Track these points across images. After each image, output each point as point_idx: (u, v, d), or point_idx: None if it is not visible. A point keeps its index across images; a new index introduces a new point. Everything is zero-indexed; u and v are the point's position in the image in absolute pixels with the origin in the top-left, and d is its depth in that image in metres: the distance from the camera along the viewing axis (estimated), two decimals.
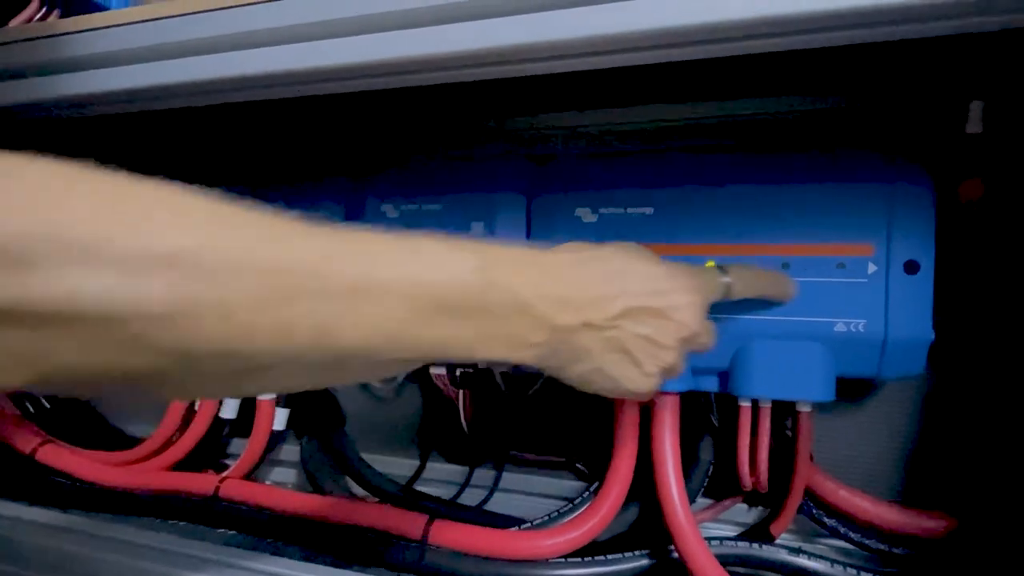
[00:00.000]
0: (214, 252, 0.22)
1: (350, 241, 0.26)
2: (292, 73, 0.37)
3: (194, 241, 0.22)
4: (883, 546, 0.47)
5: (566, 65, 0.34)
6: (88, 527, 0.52)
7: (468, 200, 0.52)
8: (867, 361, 0.43)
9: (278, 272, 0.23)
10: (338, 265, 0.25)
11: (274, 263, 0.23)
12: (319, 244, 0.25)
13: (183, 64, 0.39)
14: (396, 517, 0.50)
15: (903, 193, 0.42)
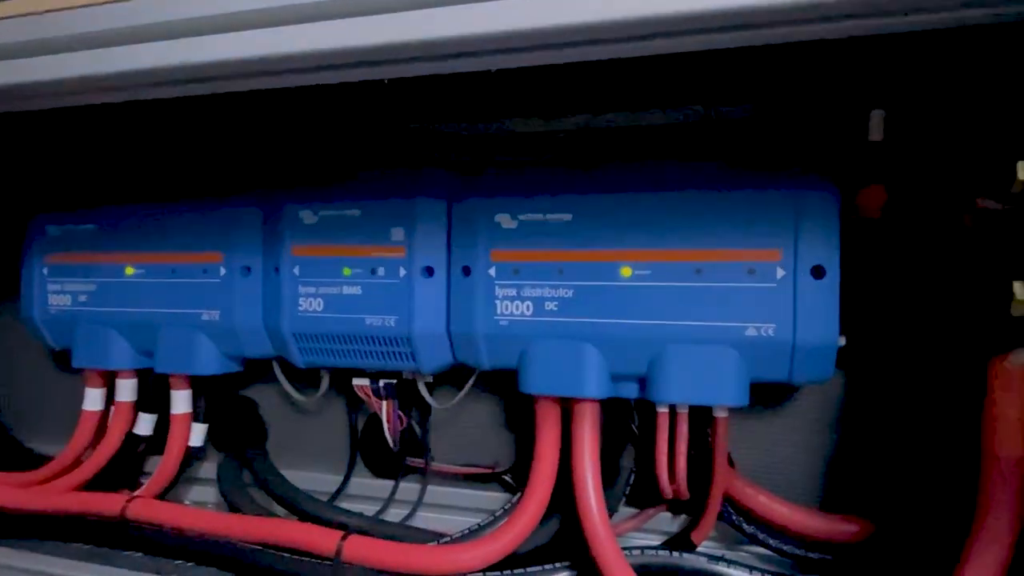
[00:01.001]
0: None
1: None
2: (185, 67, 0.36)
3: None
4: (801, 551, 0.47)
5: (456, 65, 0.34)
6: None
7: (388, 205, 0.51)
8: (778, 365, 0.44)
9: None
10: None
11: None
12: None
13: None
14: (308, 534, 0.49)
15: (808, 199, 0.43)
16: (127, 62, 0.37)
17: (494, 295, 0.48)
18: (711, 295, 0.44)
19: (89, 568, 0.48)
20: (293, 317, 0.53)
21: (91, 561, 0.50)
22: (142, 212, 0.59)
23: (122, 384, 0.61)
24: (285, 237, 0.53)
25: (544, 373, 0.47)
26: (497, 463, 0.57)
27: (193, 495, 0.66)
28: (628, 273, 0.46)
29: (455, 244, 0.50)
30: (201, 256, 0.57)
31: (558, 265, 0.47)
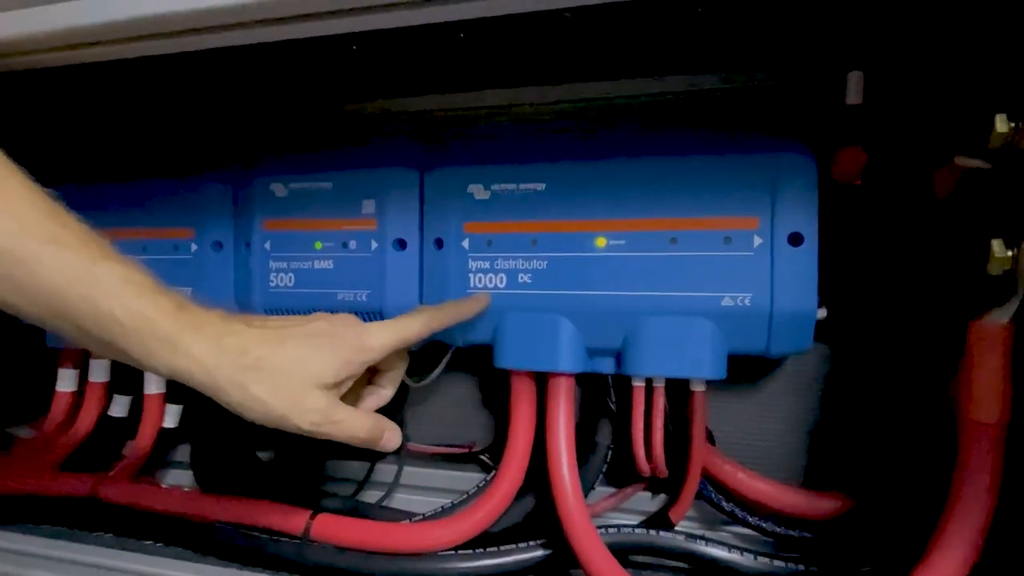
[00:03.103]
0: None
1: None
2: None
3: None
4: (780, 529, 0.46)
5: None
6: None
7: (358, 177, 0.50)
8: (755, 336, 0.42)
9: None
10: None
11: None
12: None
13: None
14: (277, 513, 0.47)
15: (785, 166, 0.41)
16: (98, 13, 0.36)
17: (467, 268, 0.47)
18: (687, 265, 0.43)
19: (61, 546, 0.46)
20: (264, 292, 0.52)
21: (62, 540, 0.49)
22: (112, 189, 0.58)
23: (95, 364, 0.60)
24: (256, 211, 0.52)
25: (518, 348, 0.46)
26: (474, 443, 0.56)
27: (170, 478, 0.65)
28: (603, 243, 0.45)
29: (427, 216, 0.49)
30: (172, 232, 0.56)
31: (532, 236, 0.46)
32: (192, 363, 0.32)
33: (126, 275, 0.31)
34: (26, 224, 0.30)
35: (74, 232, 0.31)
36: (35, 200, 0.31)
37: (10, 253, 0.29)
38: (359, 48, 0.46)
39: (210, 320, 0.33)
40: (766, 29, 0.44)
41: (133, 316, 0.31)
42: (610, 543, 0.44)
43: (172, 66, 0.41)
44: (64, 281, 0.30)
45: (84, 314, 0.30)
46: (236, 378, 0.32)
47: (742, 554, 0.44)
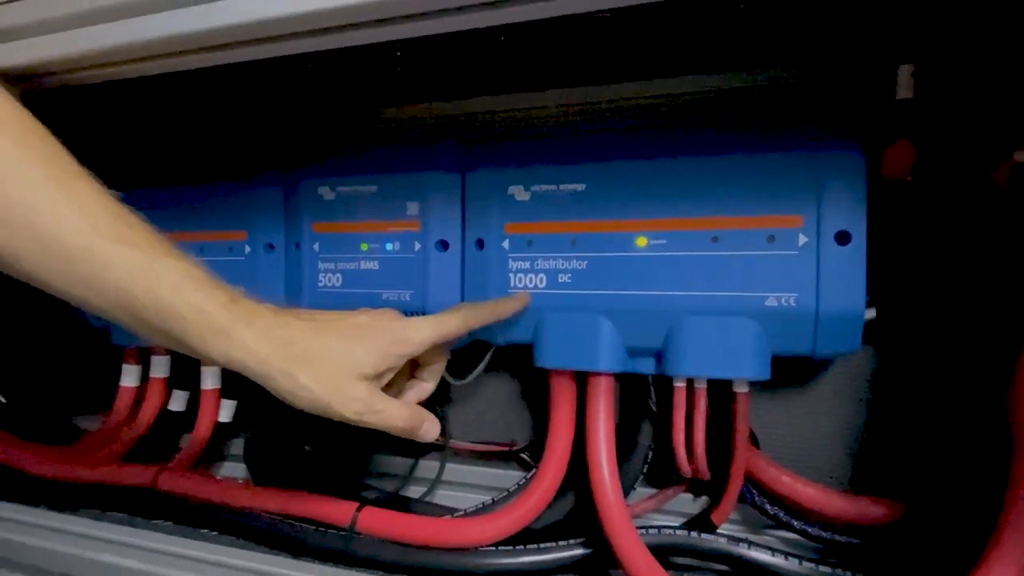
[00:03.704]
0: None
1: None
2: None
3: None
4: (827, 534, 0.45)
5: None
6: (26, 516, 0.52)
7: (402, 180, 0.51)
8: (800, 337, 0.42)
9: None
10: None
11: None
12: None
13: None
14: (325, 505, 0.49)
15: (831, 162, 0.41)
16: (161, 28, 0.38)
17: (507, 268, 0.48)
18: (729, 264, 0.43)
19: (124, 531, 0.49)
20: (313, 292, 0.54)
21: (125, 526, 0.52)
22: (171, 193, 0.60)
23: (156, 361, 0.64)
24: (304, 214, 0.54)
25: (558, 347, 0.47)
26: (514, 441, 0.56)
27: (224, 471, 0.68)
28: (643, 243, 0.45)
29: (469, 217, 0.50)
30: (227, 235, 0.58)
31: (571, 236, 0.46)
32: (245, 353, 0.34)
33: (186, 271, 0.33)
34: (96, 224, 0.32)
35: (139, 231, 0.33)
36: (103, 201, 0.33)
37: (83, 252, 0.31)
38: (402, 54, 0.47)
39: (261, 313, 0.35)
40: (813, 23, 0.43)
41: (192, 309, 0.33)
42: (650, 543, 0.44)
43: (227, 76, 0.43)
44: (130, 278, 0.32)
45: (148, 308, 0.32)
46: (285, 367, 0.34)
47: (786, 558, 0.43)
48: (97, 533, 0.49)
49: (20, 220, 0.31)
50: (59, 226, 0.31)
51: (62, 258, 0.31)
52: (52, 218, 0.31)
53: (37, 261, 0.31)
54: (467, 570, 0.46)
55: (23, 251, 0.31)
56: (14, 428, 0.66)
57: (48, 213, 0.31)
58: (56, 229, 0.31)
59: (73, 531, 0.50)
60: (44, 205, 0.31)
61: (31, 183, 0.31)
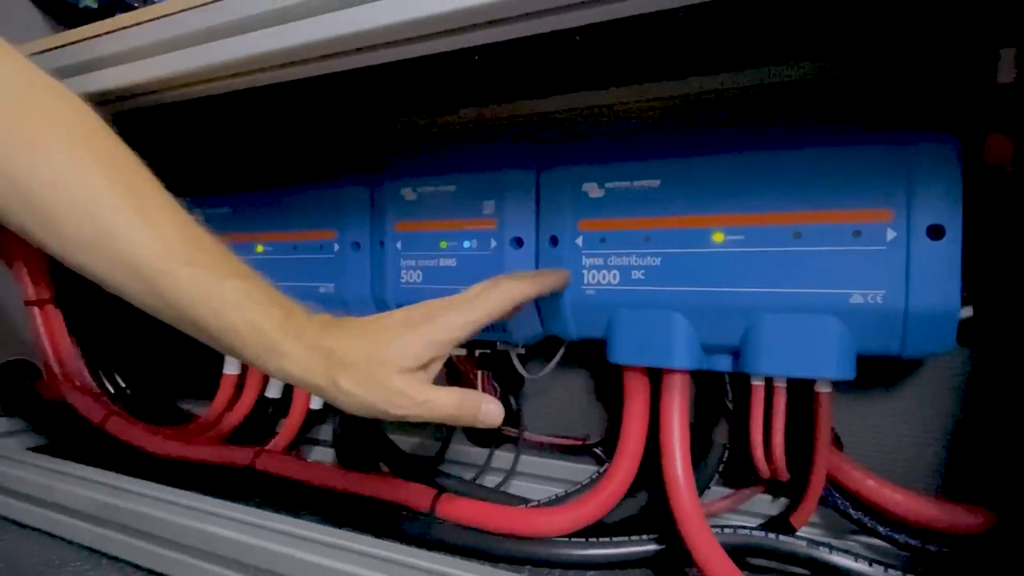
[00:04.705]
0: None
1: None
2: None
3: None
4: (915, 542, 0.43)
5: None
6: (141, 488, 0.57)
7: (479, 179, 0.52)
8: (887, 336, 0.40)
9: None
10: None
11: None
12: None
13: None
14: (406, 490, 0.52)
15: (923, 152, 0.39)
16: (276, 40, 0.40)
17: (581, 264, 0.49)
18: (811, 260, 0.41)
19: (227, 507, 0.53)
20: (396, 288, 0.57)
21: (228, 501, 0.57)
22: (266, 196, 0.65)
23: None
24: (388, 213, 0.57)
25: (631, 343, 0.47)
26: (588, 435, 0.57)
27: (314, 455, 0.72)
28: (720, 239, 0.44)
29: (543, 214, 0.51)
30: (318, 234, 0.62)
31: (645, 232, 0.46)
32: (294, 367, 0.35)
33: (247, 291, 0.35)
34: (172, 248, 0.34)
35: (208, 253, 0.36)
36: (178, 224, 0.36)
37: (159, 274, 0.34)
38: (480, 58, 0.48)
39: (310, 327, 0.37)
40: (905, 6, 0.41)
41: (249, 327, 0.35)
42: (725, 543, 0.44)
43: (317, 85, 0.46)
44: (198, 297, 0.34)
45: (212, 325, 0.35)
46: (329, 376, 0.35)
47: (871, 565, 0.41)
48: (203, 506, 0.53)
49: (106, 245, 0.34)
50: (139, 251, 0.34)
51: (141, 279, 0.34)
52: (134, 244, 0.34)
53: (122, 279, 0.35)
54: (540, 559, 0.47)
55: (109, 272, 0.35)
56: (135, 413, 0.73)
57: (131, 239, 0.34)
58: (137, 254, 0.34)
59: (183, 504, 0.54)
60: (128, 232, 0.34)
61: (116, 210, 0.34)
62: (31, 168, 0.33)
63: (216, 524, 0.51)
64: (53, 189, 0.33)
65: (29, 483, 0.55)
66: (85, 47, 0.48)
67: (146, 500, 0.53)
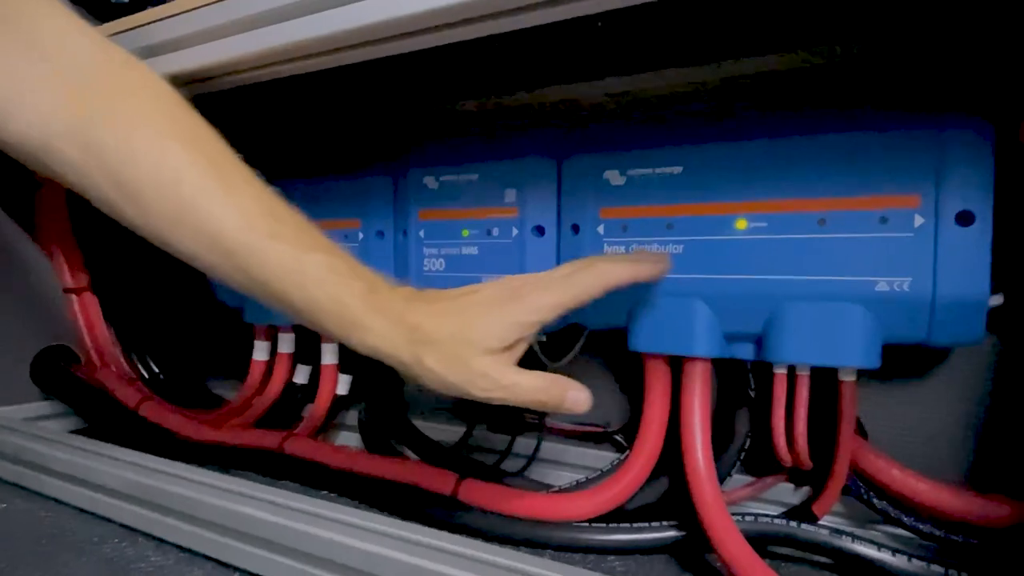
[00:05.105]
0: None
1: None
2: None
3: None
4: (940, 532, 0.42)
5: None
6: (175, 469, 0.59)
7: (501, 168, 0.53)
8: (914, 324, 0.39)
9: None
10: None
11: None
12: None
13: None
14: (429, 474, 0.53)
15: (953, 137, 0.38)
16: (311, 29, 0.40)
17: (603, 252, 0.49)
18: (836, 247, 0.41)
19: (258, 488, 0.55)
20: (419, 276, 0.57)
21: (258, 483, 0.58)
22: (291, 186, 0.66)
23: (283, 337, 0.70)
24: (411, 202, 0.57)
25: (652, 331, 0.47)
26: (609, 423, 0.57)
27: (341, 439, 0.74)
28: (743, 226, 0.44)
29: (564, 202, 0.51)
30: (343, 223, 0.63)
31: (668, 220, 0.46)
32: (379, 341, 0.35)
33: (329, 264, 0.35)
34: (254, 223, 0.34)
35: (289, 226, 0.35)
36: (260, 199, 0.35)
37: (242, 247, 0.34)
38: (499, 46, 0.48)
39: (394, 300, 0.36)
40: None
41: (332, 301, 0.34)
42: (746, 530, 0.44)
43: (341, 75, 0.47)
44: (282, 272, 0.34)
45: (296, 299, 0.35)
46: (413, 352, 0.35)
47: (894, 554, 0.41)
48: (234, 487, 0.55)
49: (190, 219, 0.34)
50: (223, 225, 0.34)
51: (225, 254, 0.34)
52: (218, 218, 0.34)
53: (206, 253, 0.35)
54: (561, 543, 0.47)
55: (192, 247, 0.35)
56: (168, 397, 0.76)
57: (215, 214, 0.34)
58: (220, 227, 0.34)
59: (215, 485, 0.56)
60: (211, 206, 0.34)
61: (200, 185, 0.34)
62: (115, 142, 0.33)
63: (246, 504, 0.52)
64: (137, 163, 0.34)
65: (71, 464, 0.58)
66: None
67: (180, 481, 0.54)
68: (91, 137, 0.34)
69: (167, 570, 0.47)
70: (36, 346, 0.78)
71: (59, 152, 0.34)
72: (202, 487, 0.52)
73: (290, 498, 0.50)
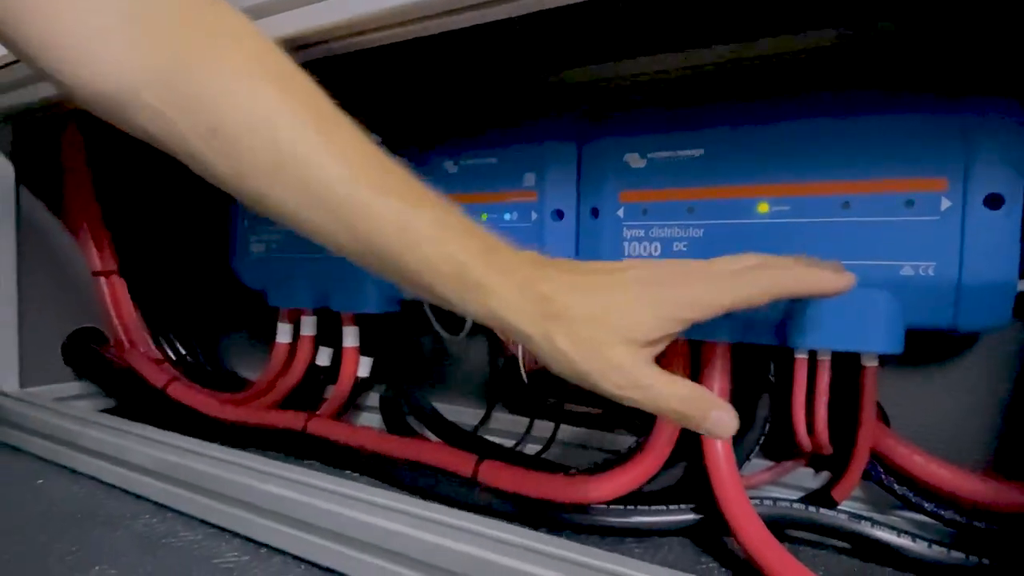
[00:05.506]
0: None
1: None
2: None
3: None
4: (963, 519, 0.42)
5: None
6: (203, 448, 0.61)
7: (519, 152, 0.53)
8: (939, 309, 0.39)
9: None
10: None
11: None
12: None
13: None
14: (449, 455, 0.53)
15: (983, 118, 0.37)
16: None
17: (622, 236, 0.48)
18: (860, 231, 0.40)
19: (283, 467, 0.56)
20: None
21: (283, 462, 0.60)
22: None
23: (305, 320, 0.71)
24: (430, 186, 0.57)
25: None
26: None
27: (361, 420, 0.75)
28: (765, 209, 0.44)
29: (584, 186, 0.51)
30: None
31: (688, 203, 0.46)
32: (503, 307, 0.31)
33: (441, 220, 0.31)
34: (358, 172, 0.31)
35: (397, 178, 0.32)
36: (364, 148, 0.32)
37: (345, 199, 0.30)
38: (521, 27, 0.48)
39: (520, 264, 0.32)
40: None
41: (448, 261, 0.31)
42: (764, 514, 0.44)
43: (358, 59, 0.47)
44: (391, 229, 0.30)
45: (405, 259, 0.31)
46: (542, 328, 0.30)
47: (914, 540, 0.41)
48: (260, 467, 0.57)
49: (287, 170, 0.30)
50: (324, 174, 0.30)
51: (326, 206, 0.31)
52: (319, 167, 0.30)
53: (304, 208, 0.31)
54: (579, 524, 0.48)
55: (289, 202, 0.31)
56: (193, 379, 0.77)
57: (315, 162, 0.30)
58: (321, 176, 0.30)
59: (241, 463, 0.58)
60: (311, 154, 0.30)
61: (297, 131, 0.30)
62: (203, 87, 0.30)
63: (271, 483, 0.53)
64: (228, 110, 0.30)
65: (102, 442, 0.60)
66: None
67: (207, 460, 0.56)
68: (176, 82, 0.30)
69: (196, 545, 0.49)
70: (68, 328, 0.80)
71: (139, 102, 0.31)
72: (229, 465, 0.54)
73: (314, 477, 0.51)
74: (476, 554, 0.38)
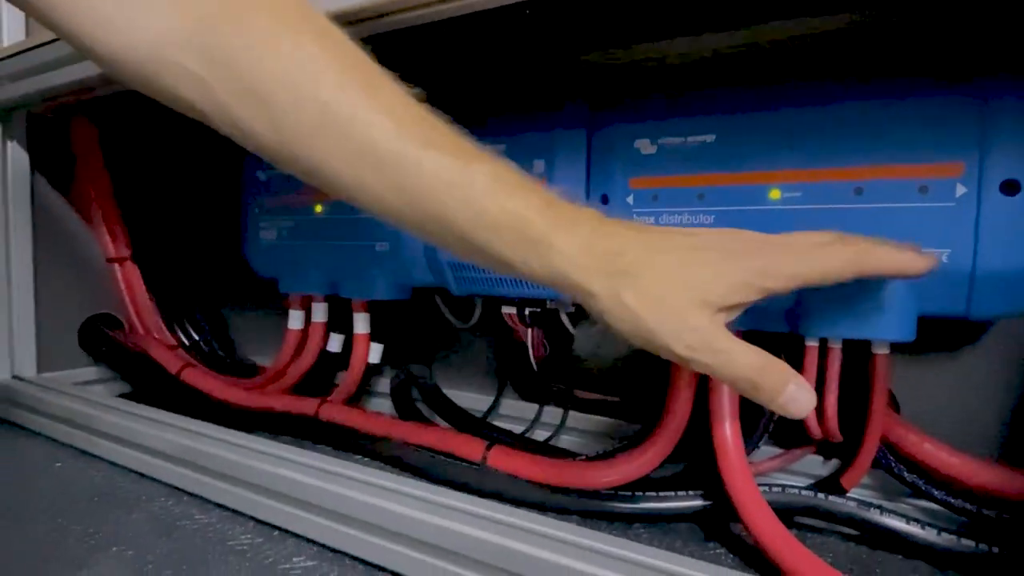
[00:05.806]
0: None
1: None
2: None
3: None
4: (973, 507, 0.42)
5: None
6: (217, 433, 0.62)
7: (529, 139, 0.52)
8: (952, 297, 0.38)
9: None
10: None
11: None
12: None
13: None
14: (459, 441, 0.54)
15: (1000, 102, 0.36)
16: None
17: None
18: (873, 218, 0.40)
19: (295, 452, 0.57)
20: None
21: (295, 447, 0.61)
22: None
23: (316, 307, 0.72)
24: None
25: None
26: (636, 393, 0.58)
27: (372, 406, 0.76)
28: (777, 196, 0.43)
29: (594, 172, 0.50)
30: None
31: (699, 190, 0.46)
32: (566, 263, 0.29)
33: (497, 174, 0.30)
34: (405, 128, 0.29)
35: (446, 134, 0.30)
36: (409, 104, 0.30)
37: (394, 157, 0.29)
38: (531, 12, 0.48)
39: (584, 217, 0.30)
40: None
41: (507, 215, 0.29)
42: (772, 501, 0.44)
43: None
44: (443, 185, 0.29)
45: (459, 216, 0.29)
46: (609, 283, 0.29)
47: (923, 527, 0.41)
48: (272, 451, 0.57)
49: (332, 128, 0.29)
50: (370, 132, 0.29)
51: (373, 164, 0.29)
52: (364, 123, 0.29)
53: (350, 168, 0.30)
54: (588, 510, 0.48)
55: (335, 162, 0.30)
56: (206, 364, 0.78)
57: (360, 119, 0.29)
58: (368, 133, 0.29)
59: (254, 448, 0.58)
60: (355, 109, 0.29)
61: (342, 88, 0.29)
62: (241, 45, 0.29)
63: (284, 467, 0.54)
64: (267, 67, 0.29)
65: (119, 427, 0.61)
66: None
67: (222, 444, 0.57)
68: (213, 44, 0.29)
69: (211, 527, 0.49)
70: (84, 314, 0.81)
71: (176, 67, 0.29)
72: (243, 450, 0.55)
73: (325, 461, 0.52)
74: (485, 538, 0.38)
